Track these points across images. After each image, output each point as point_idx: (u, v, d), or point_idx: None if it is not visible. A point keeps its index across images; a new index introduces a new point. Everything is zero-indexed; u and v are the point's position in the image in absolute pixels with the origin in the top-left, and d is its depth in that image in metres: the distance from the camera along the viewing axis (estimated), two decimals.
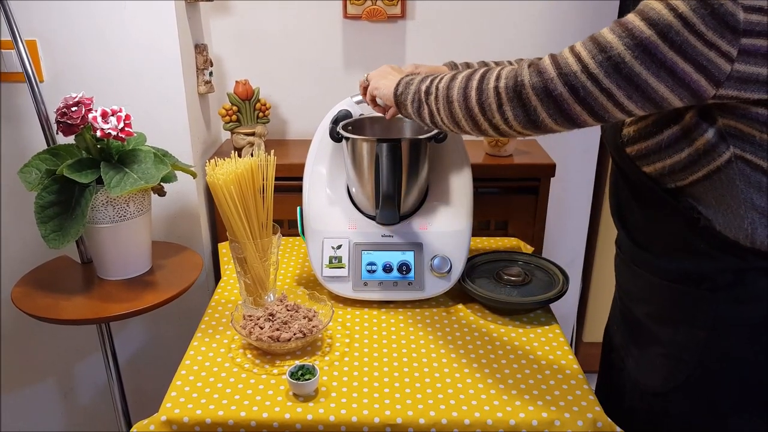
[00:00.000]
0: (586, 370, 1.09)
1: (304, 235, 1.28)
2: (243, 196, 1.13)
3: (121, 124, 1.20)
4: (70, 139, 1.23)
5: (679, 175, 0.86)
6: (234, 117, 1.60)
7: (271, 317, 1.12)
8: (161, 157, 1.27)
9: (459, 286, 1.25)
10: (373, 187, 1.23)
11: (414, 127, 1.30)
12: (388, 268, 1.23)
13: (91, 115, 1.19)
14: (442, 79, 0.93)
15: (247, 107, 1.61)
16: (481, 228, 1.61)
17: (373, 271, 1.24)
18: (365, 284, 1.23)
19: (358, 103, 1.29)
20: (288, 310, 1.14)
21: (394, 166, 1.16)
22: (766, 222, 0.81)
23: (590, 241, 1.99)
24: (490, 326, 1.18)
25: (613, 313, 1.12)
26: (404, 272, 1.23)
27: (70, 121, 1.18)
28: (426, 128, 1.18)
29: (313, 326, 1.11)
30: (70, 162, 1.20)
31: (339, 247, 1.25)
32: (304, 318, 1.13)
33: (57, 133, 1.24)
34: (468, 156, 1.30)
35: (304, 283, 1.35)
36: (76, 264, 1.42)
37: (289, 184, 1.48)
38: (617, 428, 0.94)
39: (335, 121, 1.27)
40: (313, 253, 1.26)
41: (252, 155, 1.17)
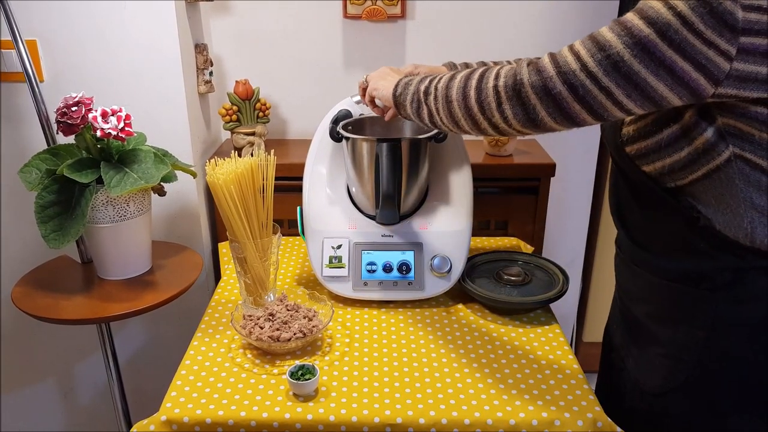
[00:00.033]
0: (586, 370, 1.09)
1: (304, 234, 1.28)
2: (243, 196, 1.13)
3: (121, 124, 1.20)
4: (70, 139, 1.23)
5: (679, 175, 0.85)
6: (234, 117, 1.60)
7: (271, 317, 1.12)
8: (161, 156, 1.27)
9: (459, 286, 1.25)
10: (373, 186, 1.23)
11: (414, 127, 1.30)
12: (388, 268, 1.23)
13: (91, 115, 1.19)
14: (441, 79, 0.93)
15: (247, 107, 1.61)
16: (481, 228, 1.61)
17: (373, 271, 1.24)
18: (365, 284, 1.23)
19: (358, 103, 1.29)
20: (288, 310, 1.14)
21: (394, 166, 1.16)
22: (765, 221, 0.81)
23: (590, 241, 1.99)
24: (490, 326, 1.18)
25: (613, 312, 1.12)
26: (404, 272, 1.23)
27: (70, 121, 1.18)
28: (426, 128, 1.18)
29: (313, 326, 1.11)
30: (70, 162, 1.20)
31: (339, 247, 1.25)
32: (304, 318, 1.13)
33: (57, 133, 1.24)
34: (468, 156, 1.30)
35: (304, 283, 1.35)
36: (76, 264, 1.42)
37: (289, 184, 1.48)
38: (617, 428, 0.94)
39: (335, 121, 1.27)
40: (313, 253, 1.26)
41: (252, 155, 1.17)
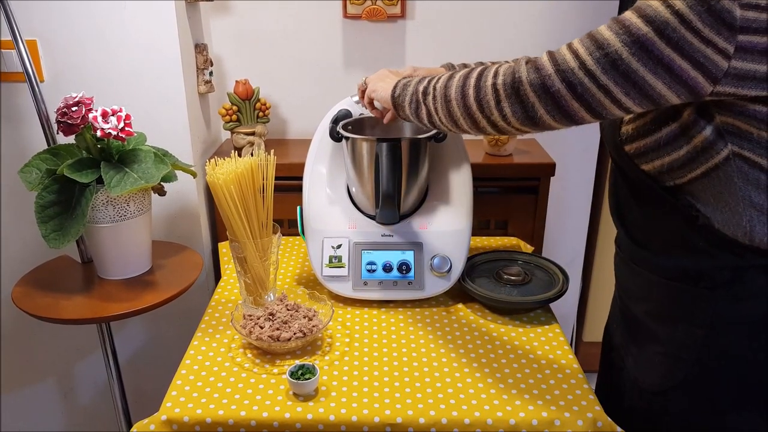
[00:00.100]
0: (587, 370, 1.09)
1: (304, 234, 1.28)
2: (243, 196, 1.13)
3: (121, 124, 1.20)
4: (71, 139, 1.23)
5: (678, 173, 0.86)
6: (234, 117, 1.60)
7: (271, 317, 1.12)
8: (161, 156, 1.27)
9: (459, 286, 1.25)
10: (373, 186, 1.23)
11: (414, 127, 1.30)
12: (387, 268, 1.23)
13: (91, 115, 1.19)
14: (440, 79, 0.93)
15: (247, 107, 1.61)
16: (481, 227, 1.61)
17: (373, 271, 1.24)
18: (365, 284, 1.23)
19: (358, 102, 1.29)
20: (288, 310, 1.14)
21: (394, 166, 1.16)
22: (764, 219, 0.81)
23: (590, 241, 1.99)
24: (490, 326, 1.18)
25: (613, 312, 1.12)
26: (404, 272, 1.23)
27: (70, 121, 1.18)
28: (425, 128, 1.18)
29: (313, 326, 1.11)
30: (71, 162, 1.20)
31: (339, 247, 1.25)
32: (304, 317, 1.13)
33: (57, 133, 1.24)
34: (468, 155, 1.31)
35: (304, 283, 1.35)
36: (76, 264, 1.42)
37: (289, 184, 1.48)
38: (617, 428, 0.94)
39: (335, 121, 1.27)
40: (313, 253, 1.26)
41: (252, 155, 1.17)
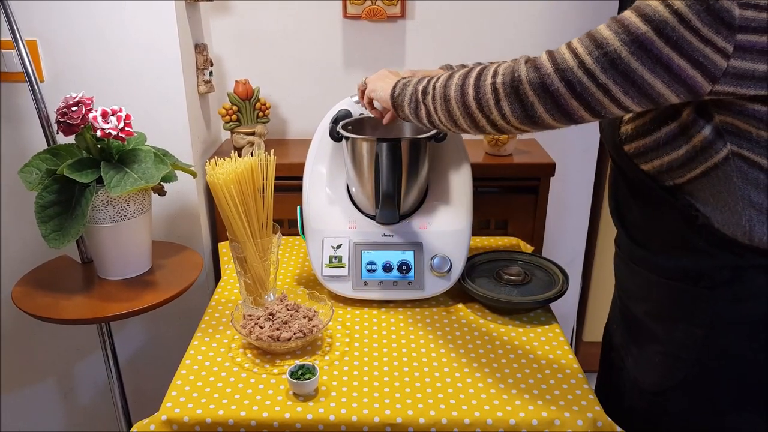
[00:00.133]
0: (587, 370, 1.09)
1: (304, 234, 1.28)
2: (243, 196, 1.13)
3: (121, 124, 1.20)
4: (71, 139, 1.23)
5: (677, 173, 0.86)
6: (234, 117, 1.60)
7: (271, 317, 1.12)
8: (161, 156, 1.27)
9: (459, 286, 1.25)
10: (373, 186, 1.23)
11: (414, 127, 1.30)
12: (388, 268, 1.23)
13: (91, 115, 1.19)
14: (439, 78, 0.93)
15: (247, 107, 1.61)
16: (480, 227, 1.61)
17: (373, 271, 1.24)
18: (365, 284, 1.23)
19: (358, 102, 1.29)
20: (288, 310, 1.14)
21: (394, 166, 1.16)
22: (764, 219, 0.81)
23: (590, 241, 1.99)
24: (490, 326, 1.18)
25: (613, 312, 1.12)
26: (404, 272, 1.23)
27: (70, 121, 1.18)
28: (425, 128, 1.18)
29: (313, 326, 1.11)
30: (71, 162, 1.20)
31: (339, 247, 1.25)
32: (304, 317, 1.13)
33: (57, 133, 1.24)
34: (468, 155, 1.30)
35: (304, 283, 1.35)
36: (76, 264, 1.42)
37: (289, 184, 1.48)
38: (617, 427, 0.94)
39: (335, 121, 1.27)
40: (313, 253, 1.26)
41: (252, 155, 1.17)
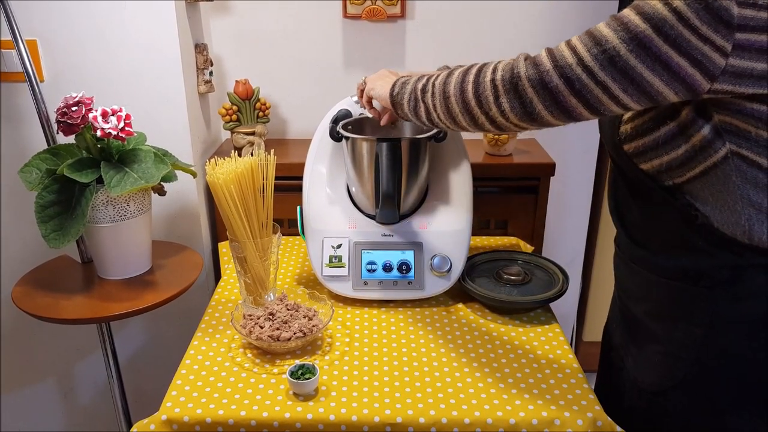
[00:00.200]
0: (586, 369, 1.09)
1: (304, 234, 1.28)
2: (243, 196, 1.13)
3: (121, 124, 1.20)
4: (71, 139, 1.23)
5: (677, 172, 0.86)
6: (234, 116, 1.60)
7: (271, 316, 1.12)
8: (161, 156, 1.27)
9: (459, 286, 1.25)
10: (373, 186, 1.23)
11: (414, 127, 1.30)
12: (388, 268, 1.23)
13: (91, 115, 1.19)
14: (438, 76, 0.93)
15: (247, 107, 1.61)
16: (480, 227, 1.61)
17: (373, 271, 1.24)
18: (365, 283, 1.23)
19: (358, 102, 1.29)
20: (288, 310, 1.14)
21: (394, 166, 1.16)
22: (763, 218, 0.81)
23: (590, 241, 1.99)
24: (490, 325, 1.18)
25: (613, 311, 1.12)
26: (404, 271, 1.23)
27: (70, 121, 1.18)
28: (424, 128, 1.18)
29: (313, 325, 1.11)
30: (71, 161, 1.20)
31: (339, 247, 1.25)
32: (304, 317, 1.13)
33: (57, 133, 1.24)
34: (468, 155, 1.31)
35: (304, 283, 1.35)
36: (76, 263, 1.42)
37: (289, 184, 1.48)
38: (617, 427, 0.94)
39: (335, 121, 1.27)
40: (313, 253, 1.26)
41: (252, 155, 1.17)
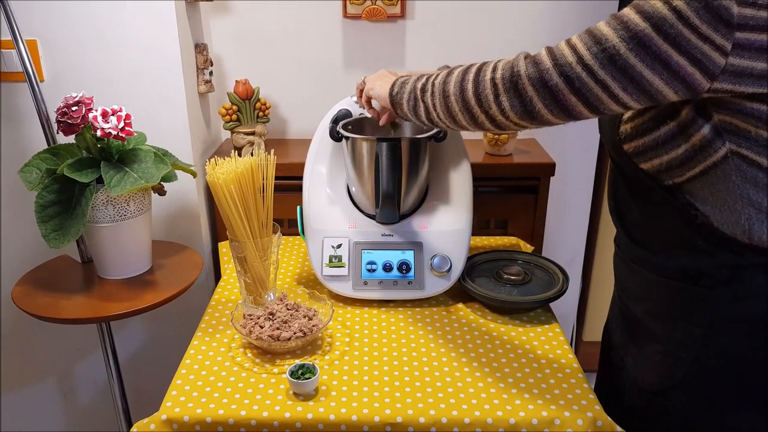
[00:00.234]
0: (586, 369, 1.09)
1: (304, 234, 1.28)
2: (243, 196, 1.13)
3: (122, 124, 1.20)
4: (71, 139, 1.23)
5: (676, 172, 0.86)
6: (234, 116, 1.60)
7: (271, 316, 1.12)
8: (161, 156, 1.27)
9: (459, 285, 1.25)
10: (373, 186, 1.23)
11: (414, 127, 1.30)
12: (388, 267, 1.24)
13: (91, 115, 1.19)
14: (438, 75, 0.93)
15: (247, 107, 1.61)
16: (480, 227, 1.61)
17: (373, 270, 1.24)
18: (365, 283, 1.23)
19: (357, 102, 1.29)
20: (288, 309, 1.14)
21: (394, 166, 1.16)
22: (763, 218, 0.81)
23: (590, 240, 1.99)
24: (490, 325, 1.18)
25: (613, 311, 1.12)
26: (404, 271, 1.23)
27: (70, 121, 1.18)
28: (424, 128, 1.18)
29: (313, 325, 1.11)
30: (71, 161, 1.20)
31: (339, 246, 1.25)
32: (304, 317, 1.13)
33: (57, 133, 1.24)
34: (468, 155, 1.31)
35: (304, 283, 1.35)
36: (76, 263, 1.42)
37: (289, 184, 1.49)
38: (617, 427, 0.94)
39: (335, 121, 1.27)
40: (313, 253, 1.26)
41: (252, 155, 1.17)
